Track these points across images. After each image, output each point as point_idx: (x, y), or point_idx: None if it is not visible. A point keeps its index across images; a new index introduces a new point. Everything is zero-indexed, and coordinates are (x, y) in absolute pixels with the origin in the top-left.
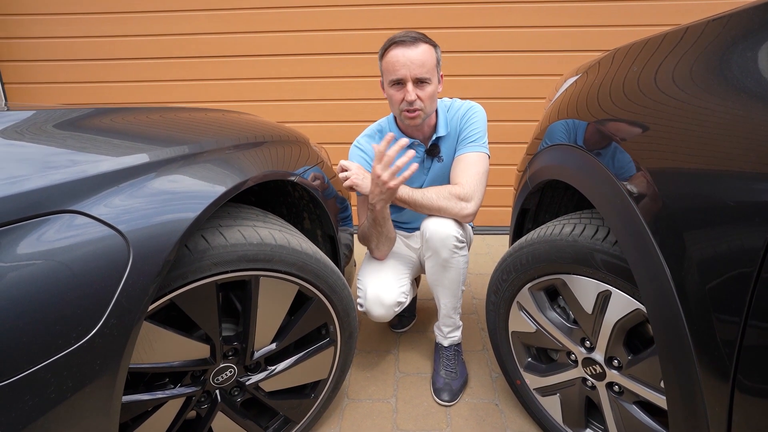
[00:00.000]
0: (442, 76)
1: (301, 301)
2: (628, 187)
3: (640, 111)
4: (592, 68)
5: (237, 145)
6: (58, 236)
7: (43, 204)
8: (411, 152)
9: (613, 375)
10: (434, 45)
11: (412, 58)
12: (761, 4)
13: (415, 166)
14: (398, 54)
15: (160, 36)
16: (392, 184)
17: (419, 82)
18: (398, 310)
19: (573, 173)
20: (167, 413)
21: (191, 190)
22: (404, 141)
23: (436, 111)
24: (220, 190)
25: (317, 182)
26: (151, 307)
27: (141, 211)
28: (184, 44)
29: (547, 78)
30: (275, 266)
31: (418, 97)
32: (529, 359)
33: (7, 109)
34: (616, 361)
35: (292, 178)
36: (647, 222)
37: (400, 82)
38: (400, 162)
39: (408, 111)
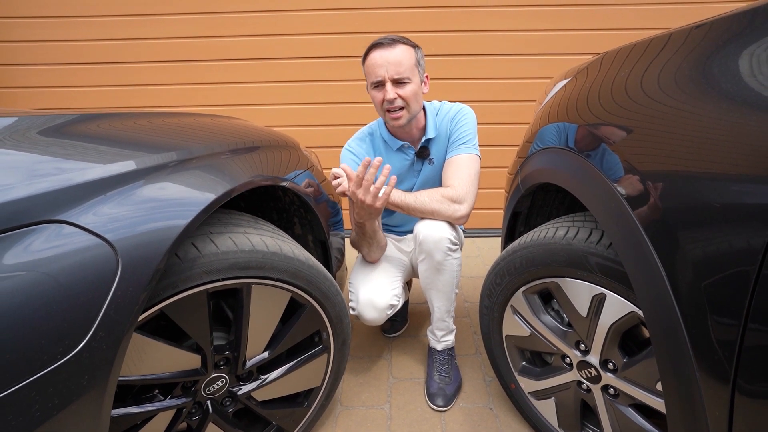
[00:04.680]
0: (427, 77)
1: (293, 309)
2: (622, 189)
3: (631, 114)
4: (581, 72)
5: (227, 150)
6: (44, 247)
7: (28, 214)
8: (387, 168)
9: (608, 378)
10: (414, 46)
11: (389, 58)
12: (740, 13)
13: (393, 179)
14: (376, 56)
15: (145, 40)
16: (378, 204)
17: (398, 82)
18: (390, 313)
19: (566, 176)
20: (157, 426)
21: (181, 198)
22: (377, 161)
23: (425, 113)
24: (210, 197)
25: (308, 187)
26: (140, 318)
27: (130, 220)
28: (170, 48)
29: (536, 81)
30: (267, 273)
31: (399, 96)
32: (524, 363)
33: None
34: (611, 363)
35: (284, 184)
36: (642, 224)
37: (380, 84)
38: (378, 183)
39: (390, 111)
